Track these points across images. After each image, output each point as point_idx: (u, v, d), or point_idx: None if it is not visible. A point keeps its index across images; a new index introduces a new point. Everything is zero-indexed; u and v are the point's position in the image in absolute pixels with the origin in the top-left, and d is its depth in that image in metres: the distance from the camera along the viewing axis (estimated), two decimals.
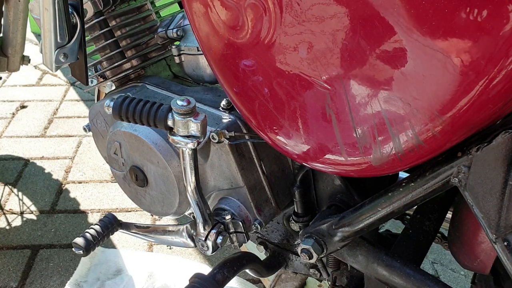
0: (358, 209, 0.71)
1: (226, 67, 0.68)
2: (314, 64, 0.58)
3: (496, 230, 0.56)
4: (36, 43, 3.04)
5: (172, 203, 0.91)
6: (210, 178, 0.87)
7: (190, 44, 0.94)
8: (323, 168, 0.66)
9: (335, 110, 0.59)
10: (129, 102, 0.70)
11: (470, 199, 0.57)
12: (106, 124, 0.99)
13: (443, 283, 0.72)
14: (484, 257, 0.72)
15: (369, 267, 0.78)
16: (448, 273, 1.62)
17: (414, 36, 0.48)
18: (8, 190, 1.95)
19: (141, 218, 1.82)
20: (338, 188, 0.81)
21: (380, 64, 0.52)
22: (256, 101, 0.67)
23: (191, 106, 0.67)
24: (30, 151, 2.17)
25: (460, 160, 0.57)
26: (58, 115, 2.42)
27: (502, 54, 0.44)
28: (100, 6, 0.94)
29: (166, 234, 0.89)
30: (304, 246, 0.76)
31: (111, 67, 1.00)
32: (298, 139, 0.65)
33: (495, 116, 0.51)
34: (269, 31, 0.60)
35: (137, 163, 0.92)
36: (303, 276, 1.12)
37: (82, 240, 0.81)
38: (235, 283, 1.53)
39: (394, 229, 1.34)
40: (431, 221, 0.86)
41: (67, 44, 0.86)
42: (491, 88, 0.46)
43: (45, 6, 0.81)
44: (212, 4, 0.64)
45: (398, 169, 0.61)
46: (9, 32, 1.50)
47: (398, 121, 0.54)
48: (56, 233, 1.76)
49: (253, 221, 0.86)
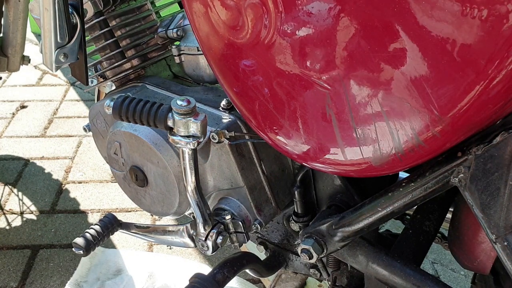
0: (358, 209, 0.71)
1: (226, 67, 0.68)
2: (314, 64, 0.58)
3: (496, 230, 0.56)
4: (36, 43, 3.04)
5: (172, 203, 0.91)
6: (210, 178, 0.87)
7: (190, 44, 0.94)
8: (323, 168, 0.66)
9: (335, 110, 0.59)
10: (129, 102, 0.70)
11: (470, 199, 0.57)
12: (106, 124, 0.99)
13: (443, 283, 0.72)
14: (484, 257, 0.72)
15: (369, 267, 0.78)
16: (448, 273, 1.62)
17: (414, 35, 0.48)
18: (8, 190, 1.95)
19: (141, 218, 1.82)
20: (338, 188, 0.81)
21: (380, 64, 0.52)
22: (256, 101, 0.67)
23: (191, 106, 0.67)
24: (30, 151, 2.17)
25: (460, 160, 0.57)
26: (58, 115, 2.42)
27: (502, 54, 0.44)
28: (100, 6, 0.94)
29: (166, 234, 0.89)
30: (304, 246, 0.76)
31: (111, 67, 1.00)
32: (298, 139, 0.65)
33: (495, 116, 0.51)
34: (269, 31, 0.60)
35: (137, 163, 0.92)
36: (303, 276, 1.12)
37: (82, 240, 0.81)
38: (235, 283, 1.53)
39: (394, 229, 1.34)
40: (431, 221, 0.86)
41: (67, 44, 0.86)
42: (491, 88, 0.46)
43: (45, 6, 0.81)
44: (212, 4, 0.64)
45: (398, 169, 0.61)
46: (9, 32, 1.50)
47: (398, 121, 0.54)
48: (56, 233, 1.76)
49: (253, 221, 0.86)
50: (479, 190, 0.56)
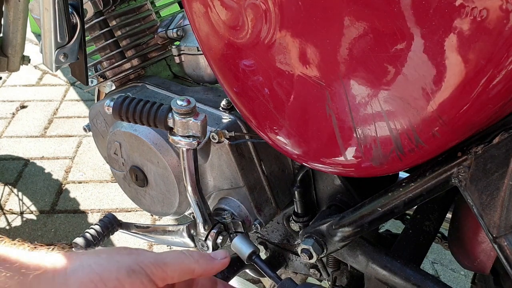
0: (358, 209, 0.71)
1: (226, 67, 0.68)
2: (314, 64, 0.58)
3: (496, 230, 0.55)
4: (36, 43, 3.04)
5: (172, 203, 0.91)
6: (210, 178, 0.87)
7: (190, 44, 0.94)
8: (323, 168, 0.66)
9: (335, 110, 0.59)
10: (129, 102, 0.70)
11: (470, 199, 0.57)
12: (106, 124, 0.99)
13: (443, 283, 0.72)
14: (484, 257, 0.72)
15: (369, 267, 0.78)
16: (448, 273, 1.62)
17: (414, 35, 0.48)
18: (8, 190, 1.95)
19: (141, 218, 1.82)
20: (338, 188, 0.81)
21: (380, 64, 0.52)
22: (256, 101, 0.67)
23: (191, 106, 0.67)
24: (30, 151, 2.17)
25: (460, 160, 0.57)
26: (58, 115, 2.42)
27: (502, 54, 0.44)
28: (100, 6, 0.94)
29: (166, 234, 0.89)
30: (304, 246, 0.76)
31: (111, 67, 1.00)
32: (298, 139, 0.65)
33: (495, 116, 0.51)
34: (269, 31, 0.60)
35: (137, 163, 0.92)
36: (303, 276, 1.12)
37: (82, 240, 0.81)
38: (235, 283, 1.53)
39: (394, 229, 1.34)
40: (431, 221, 0.86)
41: (67, 44, 0.86)
42: (491, 88, 0.46)
43: (45, 6, 0.81)
44: (212, 4, 0.64)
45: (398, 169, 0.61)
46: (9, 32, 1.50)
47: (398, 121, 0.54)
48: (56, 233, 1.76)
49: (253, 221, 0.86)
50: (479, 190, 0.56)
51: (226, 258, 0.60)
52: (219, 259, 0.60)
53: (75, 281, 0.50)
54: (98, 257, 0.52)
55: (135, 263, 0.52)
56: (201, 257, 0.58)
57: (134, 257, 0.53)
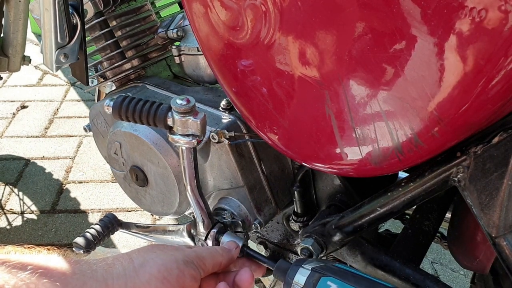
0: (358, 209, 0.71)
1: (226, 67, 0.68)
2: (313, 64, 0.58)
3: (495, 229, 0.56)
4: (37, 43, 3.04)
5: (172, 202, 0.91)
6: (210, 178, 0.87)
7: (190, 44, 0.94)
8: (323, 168, 0.66)
9: (334, 110, 0.59)
10: (129, 102, 0.71)
11: (469, 199, 0.57)
12: (106, 124, 1.00)
13: (442, 283, 0.72)
14: (483, 257, 0.72)
15: (369, 267, 0.78)
16: (448, 273, 1.62)
17: (413, 36, 0.48)
18: (8, 190, 1.95)
19: (141, 218, 1.82)
20: (338, 188, 0.81)
21: (379, 64, 0.52)
22: (256, 101, 0.67)
23: (191, 105, 0.67)
24: (31, 151, 2.17)
25: (459, 160, 0.57)
26: (59, 115, 2.42)
27: (501, 54, 0.44)
28: (100, 6, 0.95)
29: (166, 234, 0.89)
30: (304, 245, 0.76)
31: (112, 67, 1.00)
32: (298, 139, 0.65)
33: (494, 116, 0.51)
34: (268, 31, 0.60)
35: (137, 163, 0.92)
36: None
37: (83, 240, 0.81)
38: None
39: (394, 229, 1.34)
40: (431, 221, 0.86)
41: (68, 44, 0.86)
42: (490, 88, 0.46)
43: (45, 7, 0.81)
44: (212, 5, 0.64)
45: (397, 169, 0.61)
46: (9, 33, 1.50)
47: (397, 121, 0.54)
48: (57, 233, 1.76)
49: (253, 221, 0.86)
50: (478, 190, 0.56)
51: (238, 248, 0.72)
52: (233, 249, 0.71)
53: (144, 273, 0.58)
54: (154, 253, 0.61)
55: (185, 256, 0.62)
56: (224, 251, 0.69)
57: (181, 251, 0.63)
